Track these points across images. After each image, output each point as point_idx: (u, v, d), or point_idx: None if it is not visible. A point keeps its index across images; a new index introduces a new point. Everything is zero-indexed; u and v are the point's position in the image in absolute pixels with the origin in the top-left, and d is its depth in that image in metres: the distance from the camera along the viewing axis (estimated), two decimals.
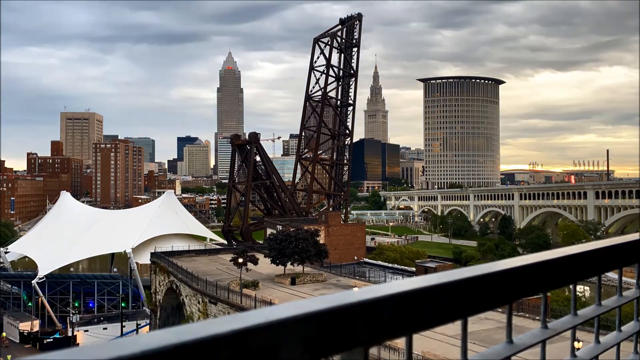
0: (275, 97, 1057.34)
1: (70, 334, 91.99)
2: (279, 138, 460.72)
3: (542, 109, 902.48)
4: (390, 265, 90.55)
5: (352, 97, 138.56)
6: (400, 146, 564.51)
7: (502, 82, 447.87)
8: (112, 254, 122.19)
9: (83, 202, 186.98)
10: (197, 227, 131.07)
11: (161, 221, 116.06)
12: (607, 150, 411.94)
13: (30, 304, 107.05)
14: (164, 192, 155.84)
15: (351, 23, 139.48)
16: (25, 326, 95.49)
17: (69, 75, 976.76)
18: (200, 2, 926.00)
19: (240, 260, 62.92)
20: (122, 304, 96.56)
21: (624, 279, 2.52)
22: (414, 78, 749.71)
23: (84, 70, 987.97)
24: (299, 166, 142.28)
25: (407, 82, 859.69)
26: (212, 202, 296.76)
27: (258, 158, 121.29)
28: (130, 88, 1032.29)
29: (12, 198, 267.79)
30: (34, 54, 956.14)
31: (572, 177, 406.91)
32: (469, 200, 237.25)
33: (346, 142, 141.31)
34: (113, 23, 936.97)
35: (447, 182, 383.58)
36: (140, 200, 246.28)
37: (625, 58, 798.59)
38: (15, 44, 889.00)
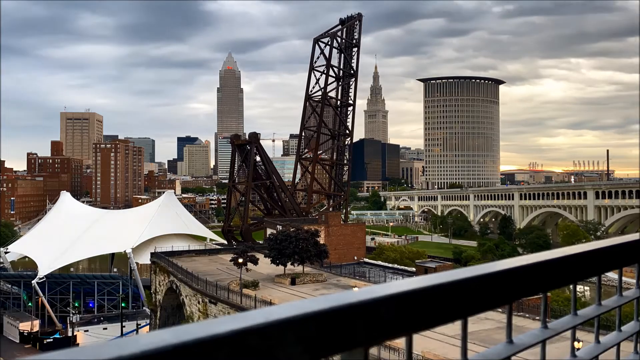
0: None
1: (70, 334, 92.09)
2: (279, 139, 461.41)
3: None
4: (390, 265, 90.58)
5: (352, 97, 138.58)
6: (400, 146, 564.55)
7: (502, 82, 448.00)
8: (112, 254, 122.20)
9: (83, 202, 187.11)
10: (197, 227, 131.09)
11: (161, 221, 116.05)
12: (607, 151, 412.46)
13: (30, 304, 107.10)
14: (164, 192, 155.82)
15: (351, 23, 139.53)
16: (25, 326, 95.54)
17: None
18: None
19: (240, 260, 62.91)
20: (122, 304, 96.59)
21: (624, 279, 2.52)
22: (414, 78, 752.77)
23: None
24: (299, 166, 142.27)
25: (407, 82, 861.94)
26: (212, 202, 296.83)
27: (258, 158, 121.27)
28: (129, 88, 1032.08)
29: (12, 198, 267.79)
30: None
31: (572, 177, 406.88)
32: (469, 200, 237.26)
33: (346, 142, 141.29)
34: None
35: (447, 182, 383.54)
36: (140, 200, 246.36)
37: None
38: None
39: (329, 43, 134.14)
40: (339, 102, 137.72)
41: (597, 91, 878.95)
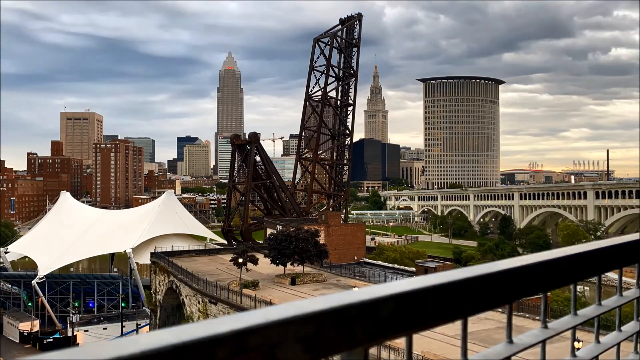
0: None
1: (70, 334, 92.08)
2: (281, 138, 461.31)
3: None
4: (390, 265, 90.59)
5: (352, 97, 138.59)
6: (400, 146, 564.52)
7: (502, 82, 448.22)
8: (112, 254, 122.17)
9: (83, 202, 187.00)
10: (197, 227, 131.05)
11: (161, 221, 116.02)
12: (607, 150, 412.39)
13: (30, 304, 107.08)
14: (164, 192, 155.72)
15: (351, 23, 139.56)
16: (25, 326, 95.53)
17: None
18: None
19: (240, 260, 62.93)
20: (122, 304, 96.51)
21: (624, 279, 2.52)
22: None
23: None
24: (299, 166, 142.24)
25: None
26: (212, 202, 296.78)
27: (258, 158, 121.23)
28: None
29: (12, 198, 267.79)
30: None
31: (572, 177, 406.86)
32: (469, 200, 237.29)
33: (346, 142, 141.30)
34: None
35: (447, 182, 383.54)
36: (140, 200, 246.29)
37: None
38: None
39: (329, 43, 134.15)
40: (339, 102, 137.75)
41: None
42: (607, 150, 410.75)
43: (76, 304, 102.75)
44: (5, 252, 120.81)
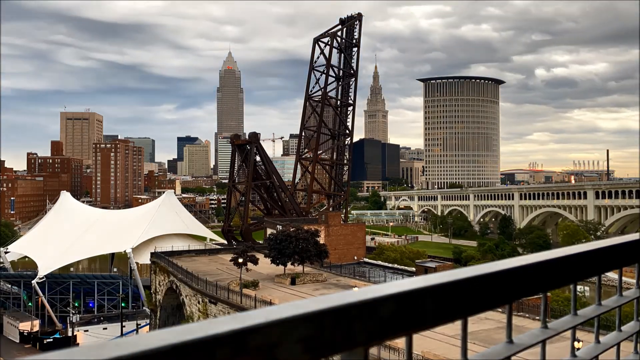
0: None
1: (70, 334, 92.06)
2: (281, 138, 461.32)
3: None
4: (390, 265, 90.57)
5: (352, 97, 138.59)
6: (400, 146, 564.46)
7: (502, 82, 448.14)
8: (112, 254, 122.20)
9: (83, 202, 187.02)
10: (197, 227, 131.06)
11: (161, 221, 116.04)
12: (607, 150, 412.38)
13: (30, 304, 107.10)
14: (164, 192, 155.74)
15: (351, 23, 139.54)
16: (25, 326, 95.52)
17: None
18: None
19: (240, 260, 62.92)
20: (122, 304, 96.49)
21: (624, 279, 2.52)
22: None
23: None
24: (299, 166, 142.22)
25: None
26: (212, 202, 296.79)
27: (258, 158, 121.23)
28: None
29: (12, 198, 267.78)
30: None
31: (572, 177, 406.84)
32: (469, 200, 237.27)
33: (346, 142, 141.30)
34: None
35: (447, 182, 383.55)
36: (140, 200, 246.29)
37: None
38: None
39: (329, 43, 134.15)
40: (339, 102, 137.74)
41: None
42: (607, 151, 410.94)
43: (76, 304, 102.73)
44: (5, 252, 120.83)
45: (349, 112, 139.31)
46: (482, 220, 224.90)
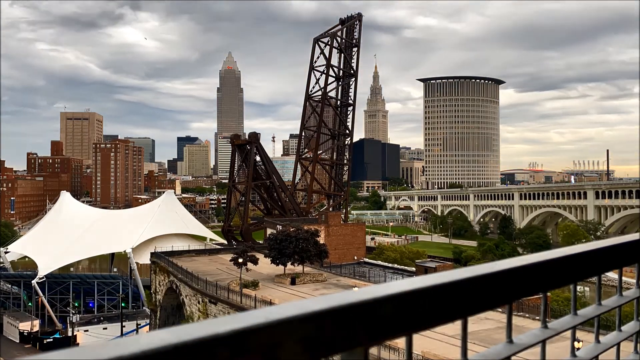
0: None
1: (70, 334, 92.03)
2: (273, 138, 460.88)
3: None
4: (390, 265, 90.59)
5: (352, 97, 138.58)
6: (400, 146, 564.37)
7: (502, 82, 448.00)
8: (112, 254, 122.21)
9: (83, 202, 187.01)
10: (197, 227, 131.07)
11: (161, 221, 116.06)
12: (607, 150, 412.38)
13: (30, 304, 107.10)
14: (164, 192, 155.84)
15: (351, 23, 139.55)
16: (25, 326, 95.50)
17: None
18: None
19: (240, 260, 62.91)
20: (122, 304, 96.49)
21: (624, 279, 2.52)
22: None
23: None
24: (299, 166, 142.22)
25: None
26: (212, 202, 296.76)
27: (258, 158, 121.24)
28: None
29: (12, 198, 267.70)
30: None
31: (572, 177, 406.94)
32: (469, 200, 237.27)
33: (346, 142, 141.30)
34: None
35: (447, 182, 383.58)
36: (140, 200, 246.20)
37: None
38: None
39: (329, 43, 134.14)
40: (339, 102, 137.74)
41: None
42: (607, 151, 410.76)
43: (76, 304, 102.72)
44: (5, 252, 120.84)
45: (349, 112, 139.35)
46: (482, 220, 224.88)
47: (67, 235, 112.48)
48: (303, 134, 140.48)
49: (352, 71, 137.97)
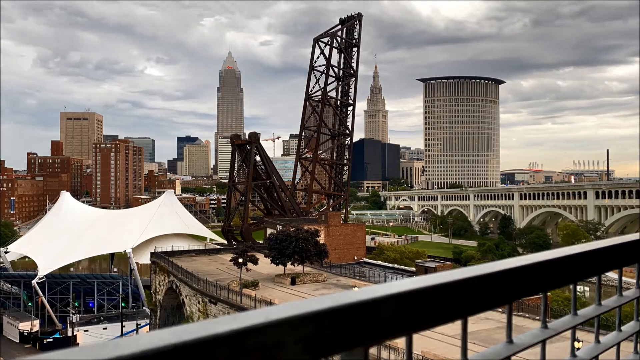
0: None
1: (70, 334, 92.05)
2: (278, 138, 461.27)
3: None
4: (390, 265, 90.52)
5: (352, 97, 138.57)
6: (400, 146, 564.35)
7: (502, 82, 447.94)
8: (112, 254, 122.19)
9: (83, 202, 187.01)
10: (197, 227, 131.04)
11: (161, 221, 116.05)
12: (607, 150, 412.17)
13: (30, 304, 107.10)
14: (164, 192, 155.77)
15: (351, 23, 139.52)
16: (25, 326, 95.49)
17: None
18: None
19: (240, 260, 62.91)
20: (122, 304, 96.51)
21: (624, 279, 2.52)
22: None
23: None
24: (299, 166, 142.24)
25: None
26: (212, 202, 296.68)
27: (258, 158, 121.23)
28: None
29: (12, 198, 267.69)
30: None
31: (572, 176, 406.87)
32: (469, 200, 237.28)
33: (346, 142, 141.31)
34: None
35: (447, 182, 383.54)
36: (140, 200, 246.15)
37: None
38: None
39: (329, 43, 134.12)
40: (339, 102, 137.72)
41: None
42: (607, 150, 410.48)
43: (76, 304, 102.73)
44: (5, 252, 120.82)
45: (348, 112, 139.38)
46: (482, 220, 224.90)
47: (67, 235, 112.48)
48: (303, 134, 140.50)
49: (352, 71, 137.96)
